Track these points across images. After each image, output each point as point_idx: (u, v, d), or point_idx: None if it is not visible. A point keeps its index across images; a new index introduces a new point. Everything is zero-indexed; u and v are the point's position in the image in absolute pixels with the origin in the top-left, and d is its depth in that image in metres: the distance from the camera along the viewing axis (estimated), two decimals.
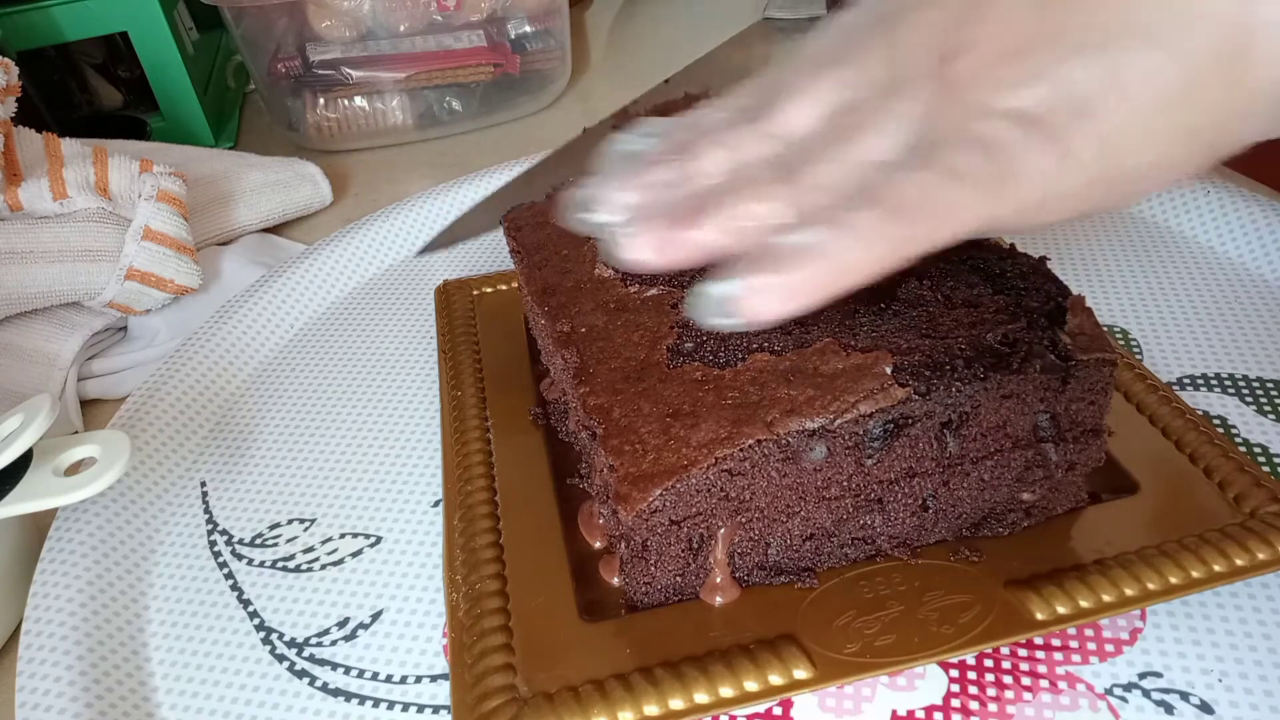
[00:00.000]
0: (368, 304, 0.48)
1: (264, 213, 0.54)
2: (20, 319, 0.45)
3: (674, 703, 0.24)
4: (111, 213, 0.45)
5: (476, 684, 0.26)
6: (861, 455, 0.26)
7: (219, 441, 0.39)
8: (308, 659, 0.30)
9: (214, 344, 0.43)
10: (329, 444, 0.38)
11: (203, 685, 0.29)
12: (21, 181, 0.43)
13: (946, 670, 0.27)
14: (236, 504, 0.36)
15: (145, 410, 0.39)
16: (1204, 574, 0.26)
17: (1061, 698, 0.26)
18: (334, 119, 0.64)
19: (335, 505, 0.35)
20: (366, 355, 0.44)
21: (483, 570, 0.29)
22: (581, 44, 0.82)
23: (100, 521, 0.34)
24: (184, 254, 0.46)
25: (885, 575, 0.28)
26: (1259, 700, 0.25)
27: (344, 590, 0.32)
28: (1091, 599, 0.26)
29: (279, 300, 0.46)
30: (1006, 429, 0.27)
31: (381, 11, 0.61)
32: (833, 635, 0.26)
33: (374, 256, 0.50)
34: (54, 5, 0.57)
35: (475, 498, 0.32)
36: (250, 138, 0.69)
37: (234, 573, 0.33)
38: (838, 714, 0.26)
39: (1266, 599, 0.28)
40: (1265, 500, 0.28)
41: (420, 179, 0.61)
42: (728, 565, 0.27)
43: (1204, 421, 0.32)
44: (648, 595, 0.27)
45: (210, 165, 0.55)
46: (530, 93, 0.69)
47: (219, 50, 0.73)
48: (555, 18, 0.67)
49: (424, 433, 0.38)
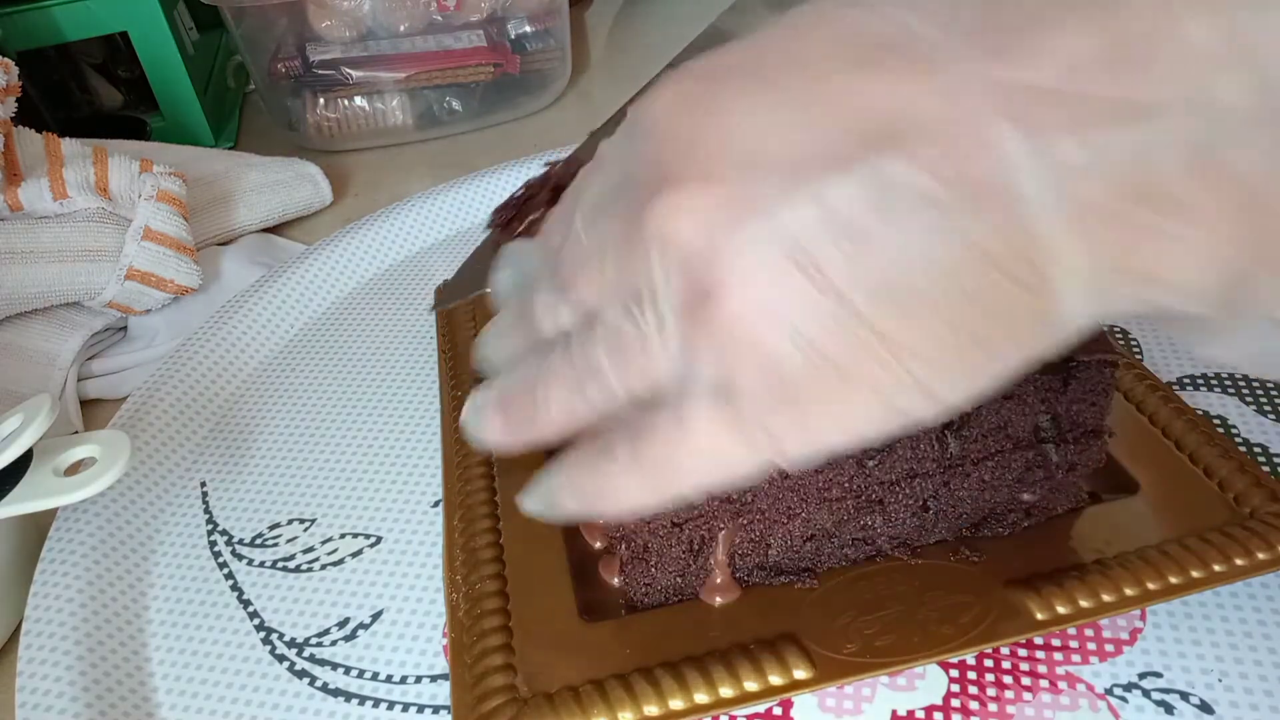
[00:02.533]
0: (368, 304, 0.48)
1: (264, 213, 0.54)
2: (20, 319, 0.45)
3: (674, 703, 0.24)
4: (111, 213, 0.45)
5: (476, 684, 0.26)
6: (863, 456, 0.26)
7: (219, 441, 0.39)
8: (308, 659, 0.30)
9: (214, 344, 0.43)
10: (329, 444, 0.38)
11: (203, 685, 0.29)
12: (21, 181, 0.43)
13: (946, 670, 0.27)
14: (236, 504, 0.36)
15: (145, 410, 0.39)
16: (1204, 574, 0.26)
17: (1061, 698, 0.26)
18: (334, 119, 0.64)
19: (335, 505, 0.35)
20: (366, 355, 0.44)
21: (483, 570, 0.29)
22: (581, 44, 0.82)
23: (100, 521, 0.34)
24: (184, 254, 0.46)
25: (885, 575, 0.28)
26: (1259, 700, 0.25)
27: (344, 590, 0.32)
28: (1091, 599, 0.26)
29: (279, 300, 0.46)
30: (1007, 430, 0.27)
31: (381, 11, 0.61)
32: (833, 635, 0.26)
33: (374, 256, 0.50)
34: (54, 5, 0.57)
35: (475, 498, 0.32)
36: (250, 138, 0.69)
37: (234, 573, 0.33)
38: (838, 714, 0.26)
39: (1266, 599, 0.28)
40: (1265, 500, 0.28)
41: (420, 179, 0.61)
42: (728, 566, 0.27)
43: (1204, 421, 0.31)
44: (648, 596, 0.27)
45: (210, 165, 0.55)
46: (530, 93, 0.69)
47: (219, 50, 0.73)
48: (555, 18, 0.67)
49: (424, 433, 0.38)
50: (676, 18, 0.87)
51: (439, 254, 0.51)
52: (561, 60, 0.70)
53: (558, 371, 0.20)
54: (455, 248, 0.51)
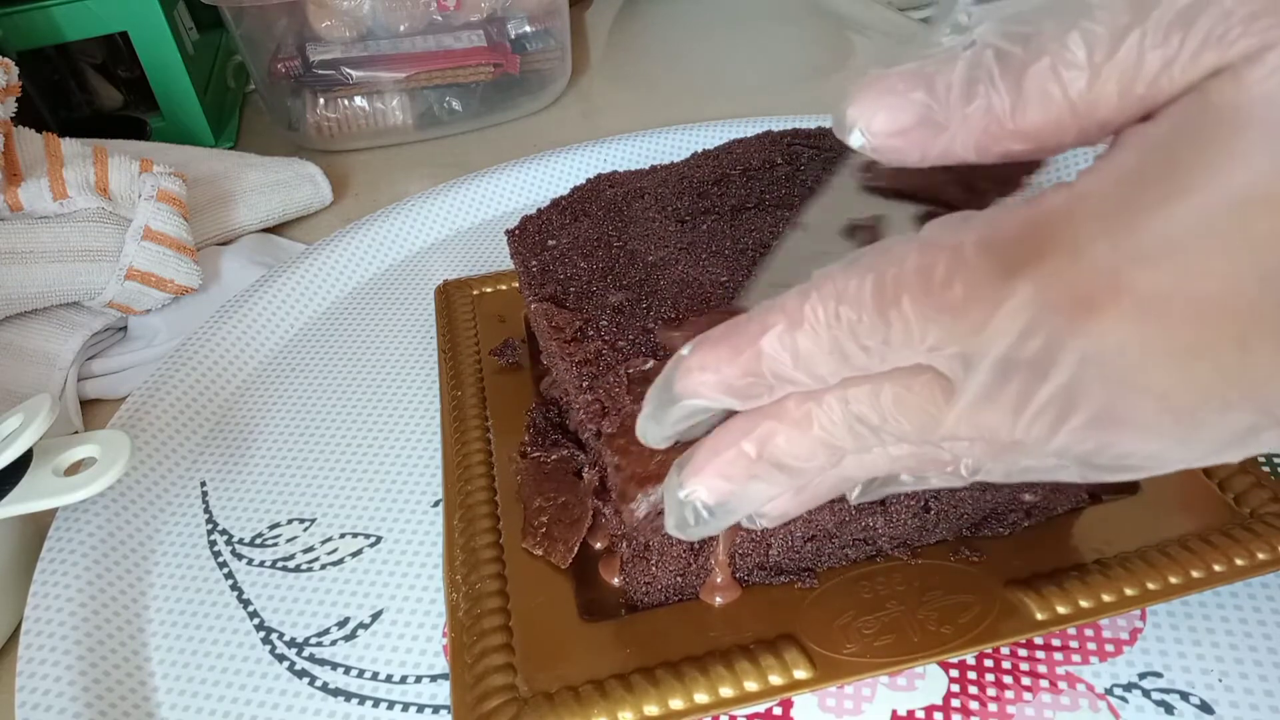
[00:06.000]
0: (368, 304, 0.48)
1: (264, 213, 0.54)
2: (20, 319, 0.45)
3: (674, 703, 0.24)
4: (111, 213, 0.45)
5: (476, 684, 0.26)
6: None
7: (219, 441, 0.39)
8: (308, 659, 0.30)
9: (214, 344, 0.43)
10: (329, 444, 0.38)
11: (203, 685, 0.29)
12: (21, 181, 0.43)
13: (946, 670, 0.27)
14: (236, 504, 0.36)
15: (145, 410, 0.39)
16: (1204, 574, 0.26)
17: (1061, 698, 0.26)
18: (334, 119, 0.64)
19: (335, 505, 0.35)
20: (366, 355, 0.44)
21: (483, 570, 0.29)
22: (581, 44, 0.82)
23: (100, 521, 0.34)
24: (184, 254, 0.46)
25: (885, 575, 0.28)
26: (1259, 700, 0.25)
27: (344, 590, 0.32)
28: (1091, 599, 0.26)
29: (279, 300, 0.46)
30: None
31: (381, 11, 0.61)
32: (833, 635, 0.26)
33: (374, 256, 0.50)
34: (54, 5, 0.57)
35: (475, 498, 0.32)
36: (250, 138, 0.69)
37: (234, 573, 0.33)
38: (838, 714, 0.26)
39: (1266, 599, 0.28)
40: (1265, 500, 0.28)
41: (420, 179, 0.61)
42: (729, 566, 0.27)
43: None
44: (648, 595, 0.27)
45: (210, 165, 0.55)
46: (530, 93, 0.69)
47: (219, 50, 0.73)
48: (555, 18, 0.67)
49: (424, 433, 0.38)
50: (676, 18, 0.87)
51: (439, 254, 0.51)
52: (561, 60, 0.70)
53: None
54: (455, 248, 0.51)
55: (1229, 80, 0.15)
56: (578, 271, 0.31)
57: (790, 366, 0.19)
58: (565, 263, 0.31)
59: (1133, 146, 0.17)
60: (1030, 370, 0.17)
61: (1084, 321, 0.16)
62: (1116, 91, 0.17)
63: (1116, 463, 0.18)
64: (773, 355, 0.19)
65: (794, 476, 0.20)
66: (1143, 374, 0.16)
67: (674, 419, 0.21)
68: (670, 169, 0.37)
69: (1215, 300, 0.16)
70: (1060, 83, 0.17)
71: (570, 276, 0.31)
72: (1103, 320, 0.16)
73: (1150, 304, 0.16)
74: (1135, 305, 0.16)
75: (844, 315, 0.18)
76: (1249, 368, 0.16)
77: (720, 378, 0.19)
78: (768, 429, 0.20)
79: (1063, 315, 0.16)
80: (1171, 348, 0.16)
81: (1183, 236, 0.16)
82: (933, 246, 0.17)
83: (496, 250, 0.51)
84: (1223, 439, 0.17)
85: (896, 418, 0.19)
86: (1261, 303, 0.15)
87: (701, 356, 0.20)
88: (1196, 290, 0.16)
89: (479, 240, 0.52)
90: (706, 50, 0.79)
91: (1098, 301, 0.16)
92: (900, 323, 0.17)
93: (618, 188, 0.36)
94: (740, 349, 0.19)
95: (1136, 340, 0.16)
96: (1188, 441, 0.17)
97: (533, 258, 0.32)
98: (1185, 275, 0.16)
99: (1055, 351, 0.16)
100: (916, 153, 0.19)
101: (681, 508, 0.21)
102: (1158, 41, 0.16)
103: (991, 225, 0.17)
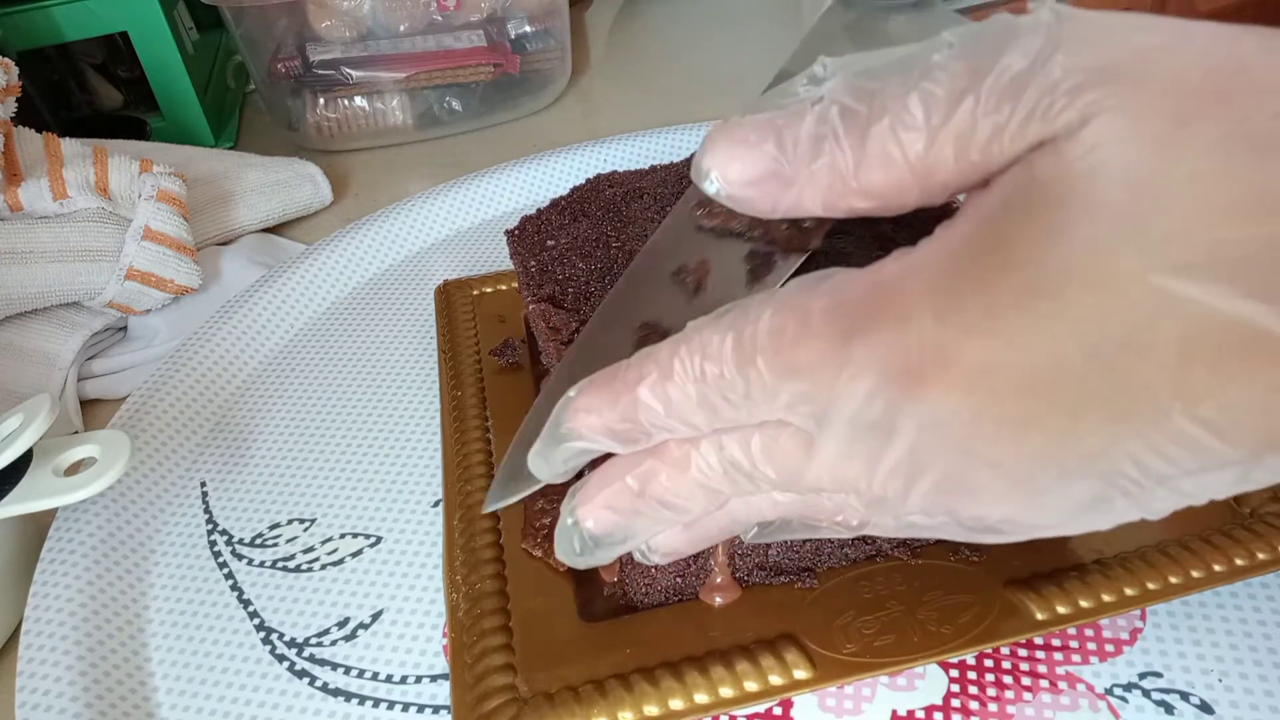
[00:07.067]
0: (368, 304, 0.48)
1: (264, 213, 0.54)
2: (20, 319, 0.45)
3: (674, 703, 0.24)
4: (111, 213, 0.45)
5: (476, 684, 0.26)
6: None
7: (219, 441, 0.39)
8: (308, 659, 0.30)
9: (214, 344, 0.43)
10: (329, 444, 0.38)
11: (203, 685, 0.29)
12: (21, 181, 0.43)
13: (946, 670, 0.27)
14: (236, 504, 0.36)
15: (145, 410, 0.39)
16: (1204, 574, 0.26)
17: (1061, 698, 0.26)
18: (334, 119, 0.64)
19: (335, 505, 0.35)
20: (366, 355, 0.44)
21: (483, 570, 0.29)
22: (581, 44, 0.82)
23: (100, 521, 0.34)
24: (184, 254, 0.46)
25: (885, 575, 0.28)
26: (1259, 700, 0.25)
27: (344, 590, 0.32)
28: (1091, 599, 0.26)
29: (279, 300, 0.46)
30: None
31: (381, 11, 0.61)
32: (833, 635, 0.26)
33: (374, 256, 0.50)
34: (54, 5, 0.57)
35: (475, 498, 0.32)
36: (250, 138, 0.69)
37: (234, 573, 0.33)
38: (838, 714, 0.26)
39: (1266, 599, 0.28)
40: (1265, 500, 0.28)
41: (420, 179, 0.61)
42: (728, 566, 0.27)
43: None
44: (648, 596, 0.27)
45: (210, 165, 0.55)
46: (530, 93, 0.69)
47: (219, 50, 0.73)
48: (555, 18, 0.67)
49: (424, 433, 0.38)
50: (676, 18, 0.87)
51: (439, 254, 0.51)
52: (561, 60, 0.70)
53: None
54: (455, 248, 0.51)
55: (1050, 154, 0.15)
56: (576, 272, 0.31)
57: (664, 415, 0.19)
58: (564, 263, 0.31)
59: (967, 217, 0.17)
60: (876, 433, 0.17)
61: (916, 390, 0.16)
62: (953, 156, 0.17)
63: (979, 524, 0.18)
64: (648, 404, 0.19)
65: (678, 514, 0.20)
66: (978, 442, 0.16)
67: (562, 458, 0.21)
68: (670, 169, 0.37)
69: (1042, 373, 0.15)
70: (900, 144, 0.17)
71: (569, 277, 0.31)
72: (933, 390, 0.16)
73: (977, 376, 0.16)
74: (963, 376, 0.16)
75: (708, 371, 0.18)
76: (1082, 437, 0.16)
77: (603, 421, 0.20)
78: (650, 468, 0.20)
79: (897, 384, 0.16)
80: (1001, 417, 0.16)
81: (1005, 311, 0.16)
82: (785, 307, 0.18)
83: (496, 250, 0.51)
84: (1071, 506, 0.17)
85: (764, 466, 0.19)
86: (1087, 377, 0.15)
87: (587, 399, 0.20)
88: (1022, 363, 0.16)
89: (479, 240, 0.52)
90: (706, 50, 0.79)
91: (926, 372, 0.16)
92: (758, 381, 0.18)
93: (617, 188, 0.36)
94: (619, 394, 0.19)
95: (968, 410, 0.16)
96: (1037, 507, 0.17)
97: (531, 258, 0.32)
98: (1010, 349, 0.16)
99: (894, 417, 0.17)
100: (768, 203, 0.19)
101: (570, 534, 0.21)
102: (990, 109, 0.16)
103: (839, 290, 0.17)
